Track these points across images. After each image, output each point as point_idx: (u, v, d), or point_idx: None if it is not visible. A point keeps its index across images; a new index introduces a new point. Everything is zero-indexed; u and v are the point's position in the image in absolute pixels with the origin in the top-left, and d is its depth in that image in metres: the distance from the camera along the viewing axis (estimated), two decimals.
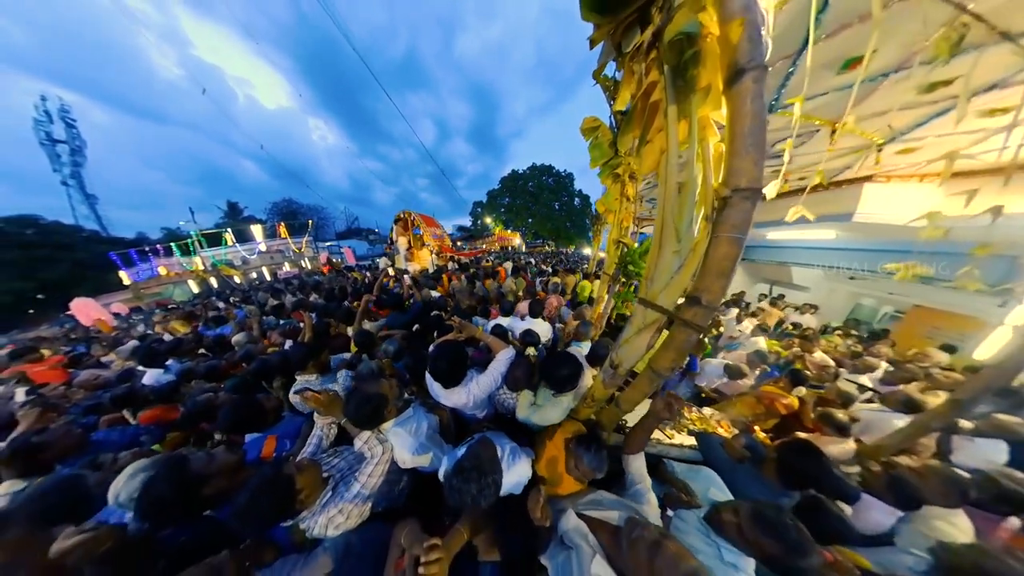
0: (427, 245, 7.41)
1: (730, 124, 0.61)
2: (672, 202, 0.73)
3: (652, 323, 0.83)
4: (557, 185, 27.53)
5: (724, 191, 0.63)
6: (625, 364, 0.93)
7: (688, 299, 0.73)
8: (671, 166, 0.73)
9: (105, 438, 1.40)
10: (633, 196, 1.73)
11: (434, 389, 1.25)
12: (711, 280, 0.68)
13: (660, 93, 0.76)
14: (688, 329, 0.74)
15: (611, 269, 2.04)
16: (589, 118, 1.64)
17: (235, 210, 34.15)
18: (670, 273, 0.75)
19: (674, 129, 0.72)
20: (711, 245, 0.66)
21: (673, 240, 0.73)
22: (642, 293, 0.84)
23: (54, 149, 34.00)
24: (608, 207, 1.79)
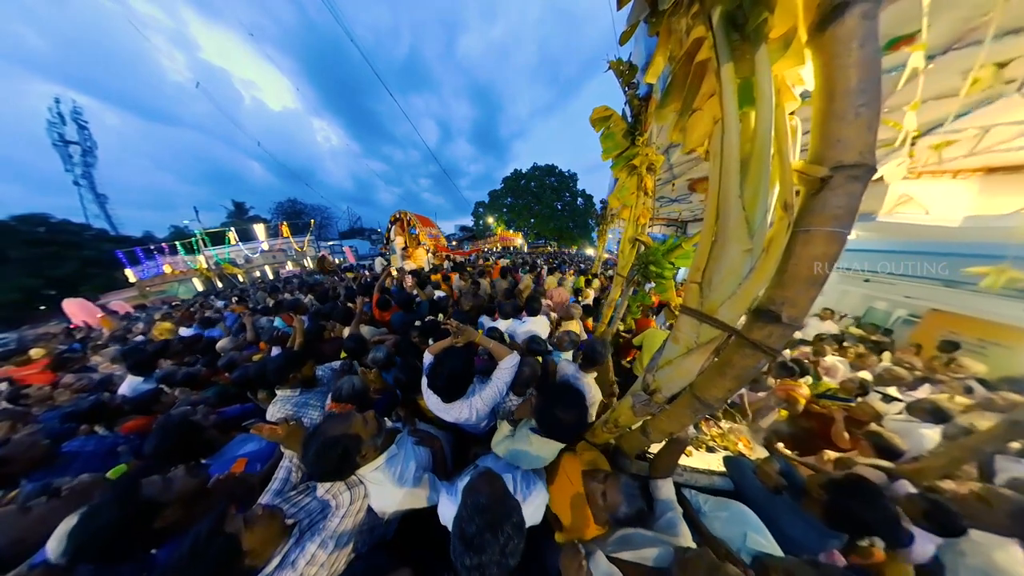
0: (423, 244, 7.45)
1: (826, 82, 0.46)
2: (734, 183, 0.54)
3: (708, 342, 0.63)
4: (560, 185, 27.38)
5: (819, 170, 0.46)
6: (665, 391, 0.74)
7: (758, 313, 0.55)
8: (730, 136, 0.55)
9: (80, 448, 1.26)
10: (651, 190, 1.56)
11: (431, 402, 1.11)
12: (797, 289, 0.50)
13: (708, 51, 0.59)
14: (756, 352, 0.56)
15: (625, 270, 1.85)
16: (600, 108, 1.49)
17: (241, 209, 34.56)
18: (738, 278, 0.56)
19: (730, 89, 0.55)
20: (797, 242, 0.49)
21: (743, 233, 0.53)
22: (691, 302, 0.64)
23: (67, 150, 34.86)
24: (623, 202, 1.62)
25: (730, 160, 0.55)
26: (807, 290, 0.50)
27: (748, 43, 0.53)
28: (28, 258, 18.20)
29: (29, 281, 17.75)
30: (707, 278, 0.60)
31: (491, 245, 20.60)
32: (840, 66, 0.44)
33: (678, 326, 0.68)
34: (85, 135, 34.74)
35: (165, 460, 0.96)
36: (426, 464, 0.95)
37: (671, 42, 0.70)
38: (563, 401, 0.88)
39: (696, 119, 0.68)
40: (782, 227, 0.52)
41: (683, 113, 0.69)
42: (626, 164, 1.48)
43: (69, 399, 1.96)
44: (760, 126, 0.52)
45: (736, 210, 0.54)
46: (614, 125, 1.43)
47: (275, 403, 1.19)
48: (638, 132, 1.40)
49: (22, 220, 19.67)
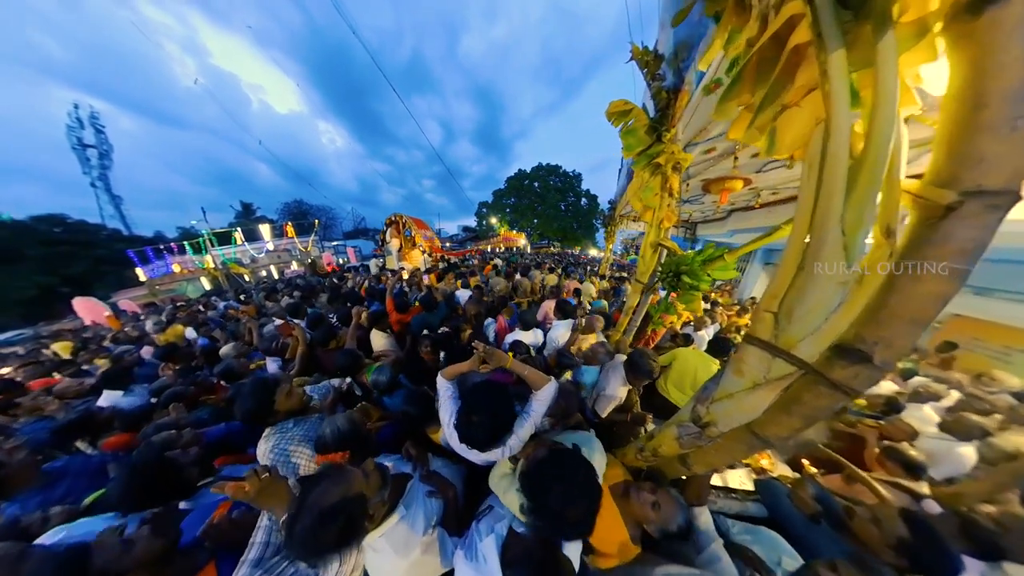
0: (418, 246, 7.44)
1: (973, 82, 0.35)
2: (836, 201, 0.43)
3: (780, 378, 0.53)
4: (564, 186, 27.16)
5: (944, 195, 0.37)
6: (722, 426, 0.65)
7: (843, 350, 0.46)
8: (838, 142, 0.43)
9: (65, 468, 1.15)
10: (677, 191, 1.41)
11: (456, 444, 0.88)
12: (897, 330, 0.42)
13: (806, 33, 0.45)
14: (835, 393, 0.47)
15: (645, 277, 1.71)
16: (618, 101, 1.33)
17: (248, 210, 35.15)
18: (825, 312, 0.47)
19: (841, 83, 0.42)
20: (903, 278, 0.41)
21: (840, 262, 0.44)
22: (762, 333, 0.53)
23: (84, 153, 35.95)
24: (646, 203, 1.46)
25: (834, 173, 0.44)
26: (909, 332, 0.42)
27: (867, 24, 0.40)
28: (45, 256, 18.76)
29: (45, 279, 18.28)
30: (786, 308, 0.50)
31: (494, 245, 20.49)
32: (997, 64, 0.33)
33: (743, 358, 0.58)
34: (102, 139, 35.86)
35: (136, 506, 0.83)
36: (438, 517, 0.77)
37: (747, 20, 0.54)
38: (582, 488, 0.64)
39: (790, 118, 0.52)
40: (880, 255, 0.44)
41: (763, 108, 0.53)
42: (649, 162, 1.32)
43: (59, 407, 1.86)
44: (877, 133, 0.40)
45: (835, 234, 0.44)
46: (636, 120, 1.28)
47: (267, 438, 0.97)
48: (664, 128, 1.24)
49: (40, 220, 20.30)
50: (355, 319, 1.89)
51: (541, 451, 0.75)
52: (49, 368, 2.56)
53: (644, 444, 0.87)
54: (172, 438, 1.08)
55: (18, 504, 1.01)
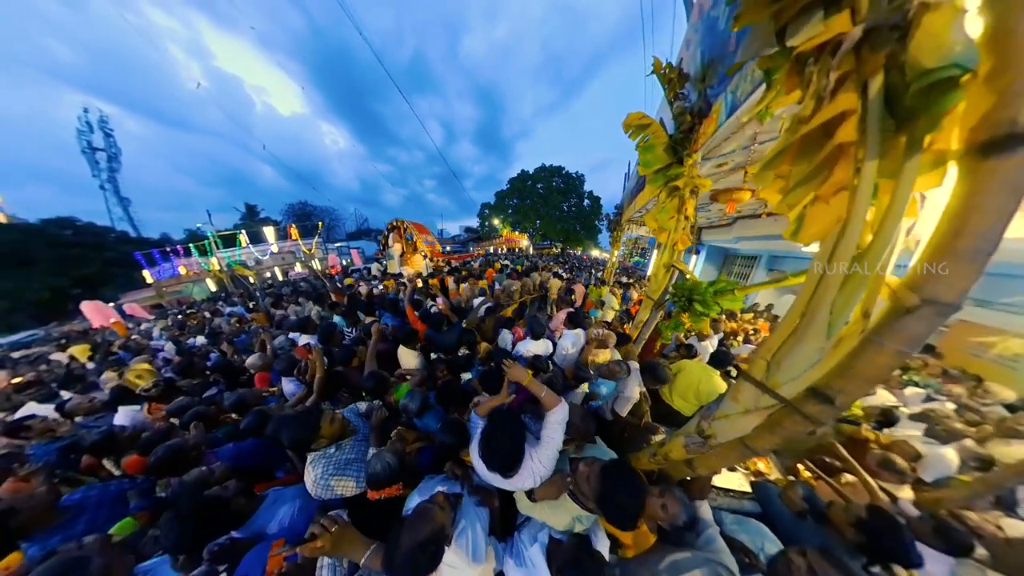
0: (420, 251, 7.53)
1: (959, 213, 0.42)
2: (832, 290, 0.56)
3: (765, 408, 0.71)
4: (567, 187, 27.01)
5: (911, 298, 0.47)
6: (720, 438, 0.83)
7: (816, 393, 0.61)
8: (848, 244, 0.52)
9: (83, 500, 1.10)
10: (692, 214, 1.38)
11: (487, 476, 0.95)
12: (855, 386, 0.56)
13: (853, 133, 0.50)
14: (806, 422, 0.63)
15: (657, 294, 1.74)
16: (636, 114, 1.30)
17: (253, 212, 35.51)
18: (804, 367, 0.62)
19: (867, 193, 0.50)
20: (867, 349, 0.53)
21: (821, 336, 0.59)
22: (756, 373, 0.70)
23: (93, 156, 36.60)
24: (661, 224, 1.43)
25: (837, 270, 0.54)
26: (863, 388, 0.56)
27: (902, 137, 0.45)
28: (56, 259, 19.09)
29: (56, 281, 18.60)
30: (776, 360, 0.66)
31: (497, 246, 20.46)
32: (983, 204, 0.39)
33: (739, 389, 0.75)
34: (110, 142, 36.49)
35: (193, 548, 0.83)
36: (487, 525, 0.88)
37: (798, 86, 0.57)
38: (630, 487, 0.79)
39: (818, 211, 0.59)
40: (856, 330, 0.55)
41: (797, 189, 0.60)
42: (666, 183, 1.28)
43: (71, 428, 1.83)
44: (880, 241, 0.49)
45: (824, 315, 0.57)
46: (654, 137, 1.24)
47: (312, 465, 0.99)
48: (685, 151, 1.20)
49: (50, 223, 20.68)
50: (374, 336, 1.83)
51: (597, 466, 0.87)
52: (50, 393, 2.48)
53: (656, 450, 1.02)
54: (204, 476, 1.06)
55: (37, 544, 0.97)
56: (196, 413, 1.52)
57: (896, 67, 0.43)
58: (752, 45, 0.59)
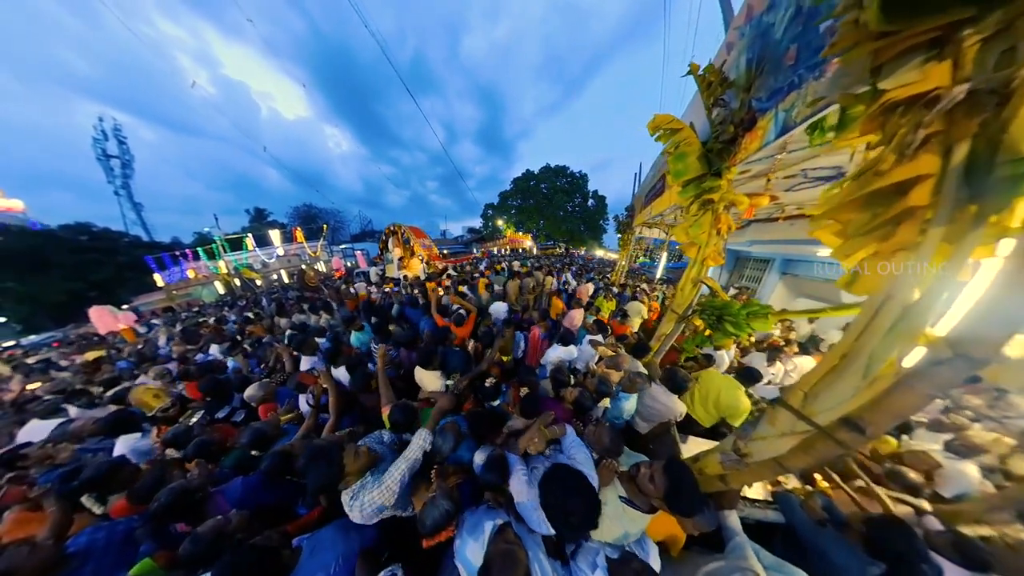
0: (417, 255, 7.54)
1: (1005, 284, 0.44)
2: (875, 339, 0.60)
3: (800, 432, 0.78)
4: (571, 187, 26.75)
5: (946, 351, 0.50)
6: (756, 457, 0.90)
7: (849, 423, 0.66)
8: (895, 304, 0.56)
9: (89, 544, 0.99)
10: (725, 231, 1.27)
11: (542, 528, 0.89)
12: (885, 419, 0.61)
13: (926, 197, 0.51)
14: (838, 448, 0.69)
15: (681, 308, 1.66)
16: (664, 116, 1.18)
17: (261, 215, 36.14)
18: (839, 400, 0.68)
19: (929, 252, 0.51)
20: (900, 390, 0.57)
21: (859, 375, 0.64)
22: (793, 402, 0.78)
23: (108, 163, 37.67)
24: (693, 239, 1.31)
25: (885, 319, 0.58)
26: (893, 421, 0.62)
27: (972, 208, 0.46)
28: (72, 263, 19.65)
29: (73, 284, 19.17)
30: (814, 392, 0.72)
31: (500, 247, 20.38)
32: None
33: (776, 415, 0.82)
34: (124, 149, 37.52)
35: None
36: (545, 551, 0.87)
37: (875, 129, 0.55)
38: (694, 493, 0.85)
39: (876, 268, 0.62)
40: (890, 371, 0.59)
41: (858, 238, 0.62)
42: (698, 195, 1.16)
43: (71, 455, 1.69)
44: (929, 299, 0.52)
45: (864, 358, 0.62)
46: (686, 144, 1.12)
47: (355, 498, 0.92)
48: (724, 163, 1.08)
49: (67, 229, 21.29)
50: (380, 361, 1.62)
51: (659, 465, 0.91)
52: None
53: (691, 465, 1.03)
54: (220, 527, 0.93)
55: None
56: (201, 445, 1.37)
57: (985, 138, 0.42)
58: (843, 79, 0.56)
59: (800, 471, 0.89)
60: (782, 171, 1.63)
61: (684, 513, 0.88)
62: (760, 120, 0.97)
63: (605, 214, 27.76)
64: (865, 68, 0.52)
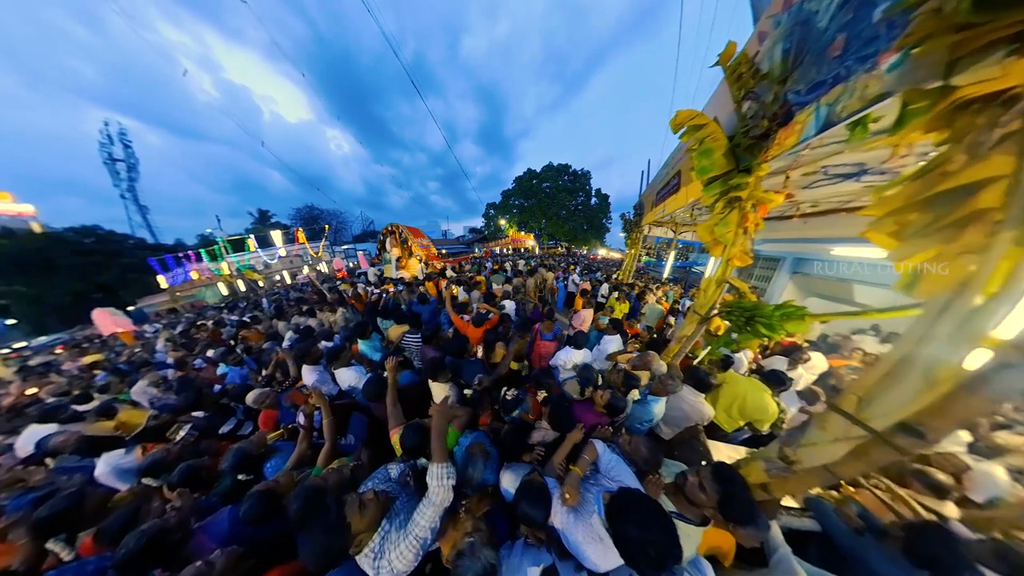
0: (415, 255, 7.49)
1: None
2: (939, 345, 0.58)
3: (855, 437, 0.74)
4: (574, 185, 26.57)
5: (1014, 355, 0.50)
6: (805, 464, 0.88)
7: (906, 428, 0.64)
8: (961, 307, 0.54)
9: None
10: (753, 230, 1.21)
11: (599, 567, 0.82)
12: (946, 424, 0.61)
13: (997, 199, 0.49)
14: (895, 453, 0.67)
15: (704, 310, 1.61)
16: (687, 111, 1.11)
17: (265, 216, 36.36)
18: (897, 405, 0.65)
19: (997, 255, 0.49)
20: (963, 394, 0.56)
21: (918, 379, 0.62)
22: (847, 407, 0.76)
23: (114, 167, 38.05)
24: (718, 238, 1.24)
25: (946, 325, 0.57)
26: (953, 427, 0.62)
27: None
28: (78, 266, 19.85)
29: (79, 286, 19.37)
30: (868, 397, 0.72)
31: (503, 246, 20.31)
32: None
33: (828, 420, 0.80)
34: (129, 153, 37.90)
35: None
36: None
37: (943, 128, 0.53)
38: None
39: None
40: (952, 375, 0.57)
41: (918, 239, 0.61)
42: (724, 192, 1.09)
43: (45, 478, 1.48)
44: (996, 304, 0.51)
45: (924, 361, 0.61)
46: (711, 140, 1.04)
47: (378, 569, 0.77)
48: (754, 159, 1.00)
49: (73, 231, 21.52)
50: (390, 375, 1.43)
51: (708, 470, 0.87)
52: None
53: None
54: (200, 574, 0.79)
55: None
56: (187, 472, 1.14)
57: None
58: (916, 73, 0.53)
59: (852, 478, 0.85)
60: (802, 168, 1.56)
61: (741, 520, 0.80)
62: (798, 115, 0.88)
63: (608, 212, 27.58)
64: (941, 62, 0.49)
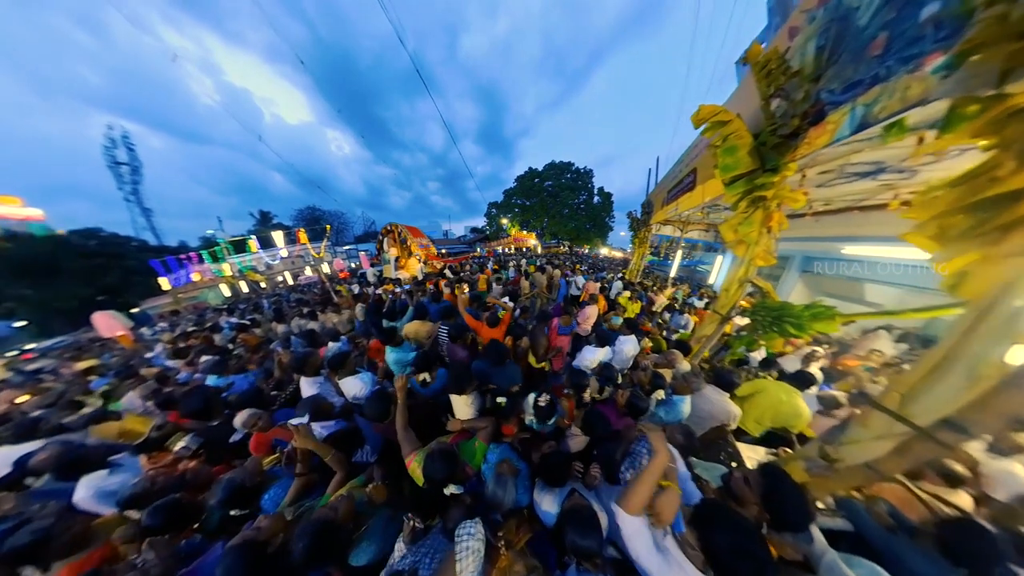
0: (415, 255, 7.38)
1: None
2: (984, 341, 0.61)
3: (897, 435, 0.77)
4: (576, 183, 26.41)
5: None
6: (848, 462, 0.90)
7: (950, 424, 0.68)
8: (1005, 307, 0.57)
9: None
10: (777, 230, 1.20)
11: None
12: (990, 420, 0.64)
13: None
14: (939, 448, 0.71)
15: (725, 309, 1.61)
16: (710, 107, 1.06)
17: (266, 218, 36.53)
18: (940, 401, 0.69)
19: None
20: (1008, 390, 0.60)
21: (962, 376, 0.65)
22: (889, 404, 0.78)
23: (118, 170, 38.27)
24: (742, 237, 1.21)
25: (991, 323, 0.60)
26: (999, 421, 0.64)
27: None
28: (82, 269, 19.97)
29: (83, 289, 19.49)
30: (912, 394, 0.74)
31: (505, 246, 20.29)
32: None
33: (869, 418, 0.84)
34: (133, 156, 38.10)
35: None
36: None
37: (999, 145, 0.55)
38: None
39: (985, 272, 0.61)
40: (995, 372, 0.61)
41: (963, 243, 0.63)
42: (748, 191, 1.05)
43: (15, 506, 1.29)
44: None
45: (968, 358, 0.63)
46: (735, 137, 1.00)
47: None
48: (781, 158, 0.96)
49: (77, 234, 21.64)
50: (399, 395, 1.31)
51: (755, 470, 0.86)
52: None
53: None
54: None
55: None
56: (167, 508, 0.96)
57: None
58: (972, 80, 0.53)
59: (894, 475, 0.86)
60: (819, 167, 1.52)
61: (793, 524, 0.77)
62: (831, 114, 0.85)
63: (611, 211, 27.44)
64: (996, 70, 0.50)
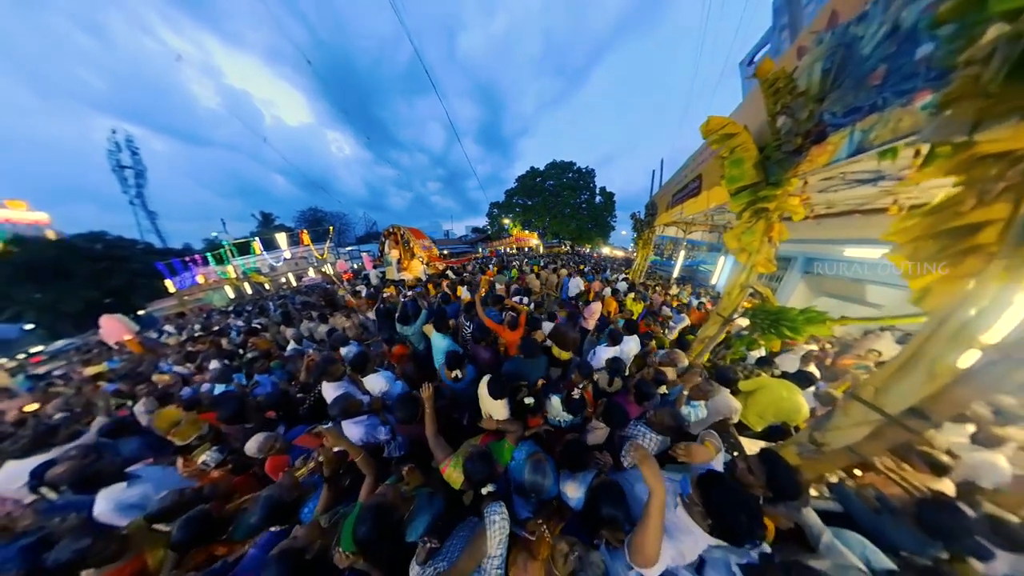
0: (417, 256, 7.37)
1: None
2: (942, 346, 0.74)
3: (872, 422, 0.89)
4: (578, 183, 26.35)
5: (995, 355, 0.66)
6: (833, 445, 1.00)
7: (915, 412, 0.81)
8: (959, 318, 0.70)
9: None
10: (777, 239, 1.28)
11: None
12: (946, 409, 0.79)
13: (993, 236, 0.66)
14: (906, 433, 0.85)
15: (727, 312, 1.72)
16: (719, 119, 1.11)
17: (268, 219, 36.72)
18: (906, 394, 0.81)
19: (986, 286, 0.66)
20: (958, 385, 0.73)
21: (923, 373, 0.77)
22: (865, 395, 0.90)
23: (123, 174, 38.63)
24: (744, 246, 1.26)
25: (947, 330, 0.73)
26: (952, 410, 0.81)
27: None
28: (89, 272, 20.19)
29: (89, 292, 19.73)
30: (884, 387, 0.87)
31: (507, 245, 20.31)
32: None
33: (849, 407, 0.96)
34: (137, 159, 38.43)
35: None
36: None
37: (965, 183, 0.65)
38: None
39: (945, 289, 0.74)
40: (948, 370, 0.74)
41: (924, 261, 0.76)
42: (752, 202, 1.09)
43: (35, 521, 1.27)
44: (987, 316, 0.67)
45: (928, 359, 0.77)
46: (741, 149, 1.04)
47: None
48: (783, 172, 1.01)
49: (82, 238, 21.86)
50: (427, 404, 1.26)
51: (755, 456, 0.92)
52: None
53: None
54: None
55: None
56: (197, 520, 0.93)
57: None
58: (947, 128, 0.61)
59: (870, 457, 1.00)
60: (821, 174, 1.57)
61: (790, 495, 0.88)
62: (832, 136, 0.91)
63: (613, 210, 27.39)
64: (968, 121, 0.58)
